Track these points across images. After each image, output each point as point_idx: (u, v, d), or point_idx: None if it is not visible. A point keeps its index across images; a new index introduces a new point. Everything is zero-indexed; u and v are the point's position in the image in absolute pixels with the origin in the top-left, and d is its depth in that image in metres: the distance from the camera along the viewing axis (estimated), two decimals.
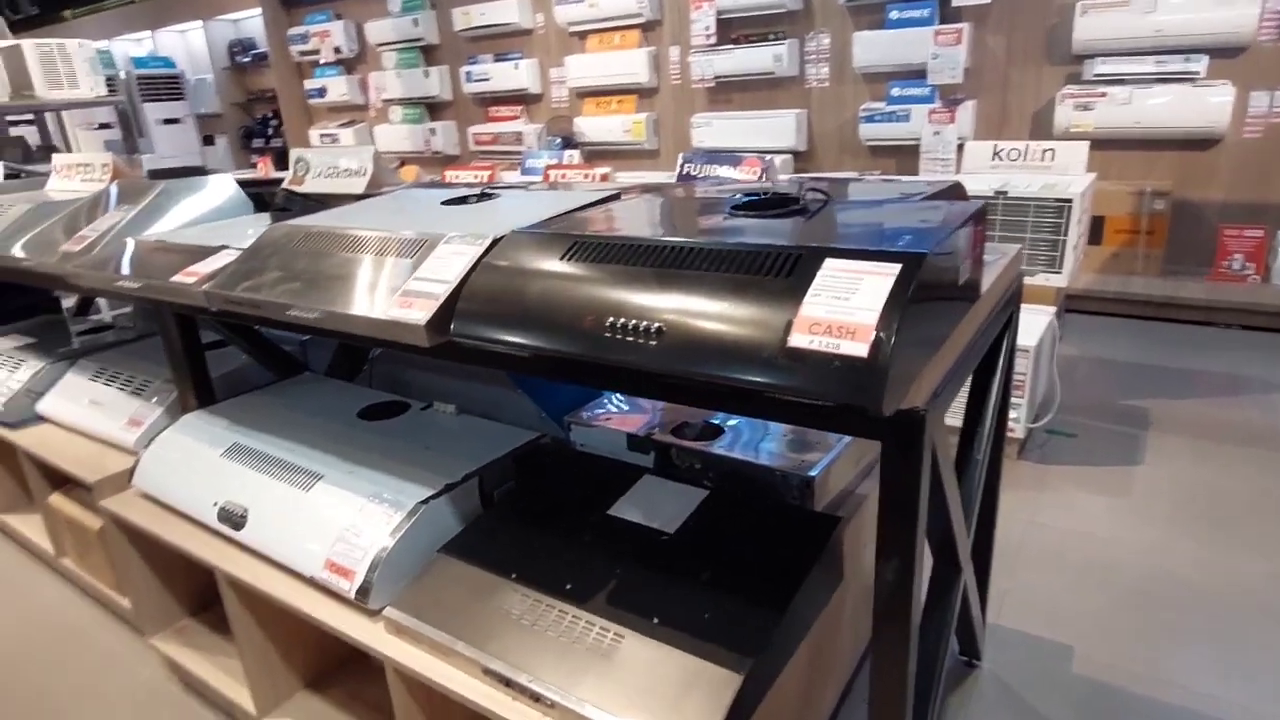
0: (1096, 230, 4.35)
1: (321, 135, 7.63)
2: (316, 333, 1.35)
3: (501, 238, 1.19)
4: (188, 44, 8.72)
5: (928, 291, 0.89)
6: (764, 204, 1.23)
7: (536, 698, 1.12)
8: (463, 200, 1.60)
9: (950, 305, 1.03)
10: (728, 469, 1.57)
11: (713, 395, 0.98)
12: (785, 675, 1.21)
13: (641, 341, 0.94)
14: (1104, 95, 4.22)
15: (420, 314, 1.13)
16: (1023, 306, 2.87)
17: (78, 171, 2.57)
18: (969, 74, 4.59)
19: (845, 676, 1.68)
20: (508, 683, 1.15)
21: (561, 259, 1.08)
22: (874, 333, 0.80)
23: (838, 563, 1.36)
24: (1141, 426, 3.04)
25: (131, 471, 1.88)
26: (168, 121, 7.39)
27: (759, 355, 0.86)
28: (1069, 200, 3.01)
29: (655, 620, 1.17)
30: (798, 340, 0.84)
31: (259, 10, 7.55)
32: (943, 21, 4.59)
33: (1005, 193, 3.12)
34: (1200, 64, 3.98)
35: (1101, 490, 2.64)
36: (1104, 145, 4.32)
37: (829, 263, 0.89)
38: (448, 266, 1.18)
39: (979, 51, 4.60)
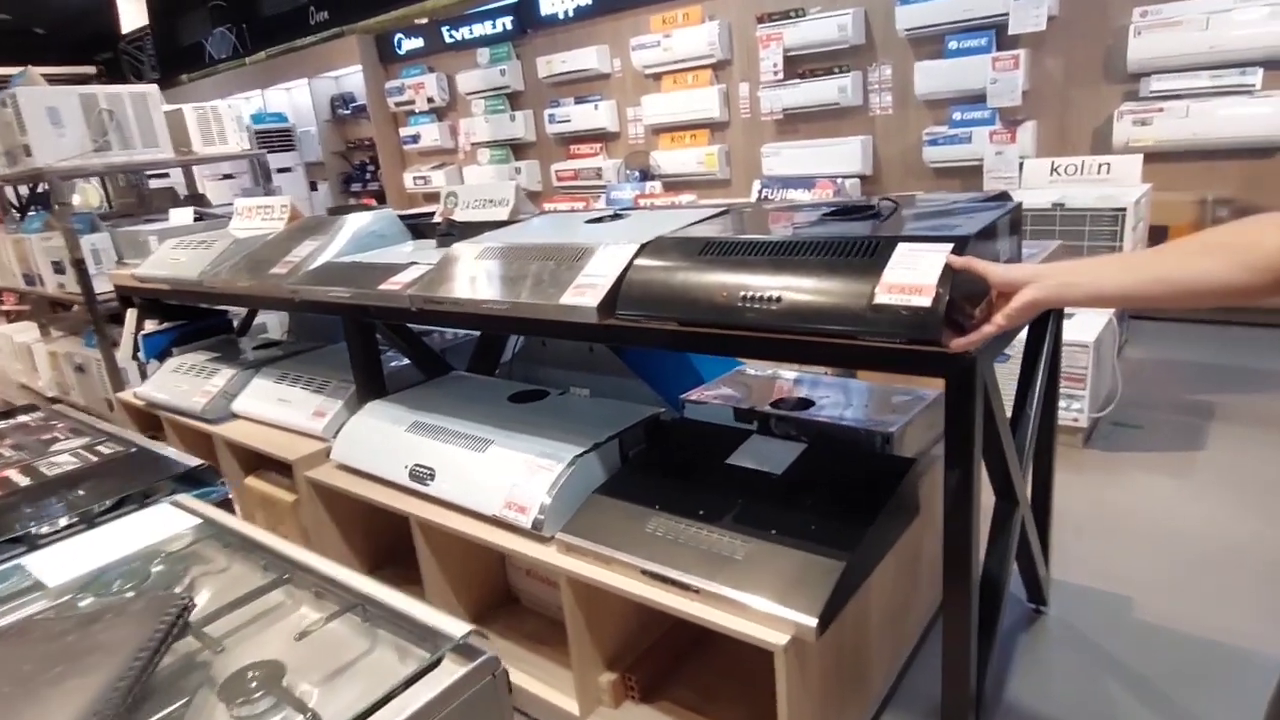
0: (1160, 239, 4.51)
1: (415, 178, 8.30)
2: (504, 323, 1.75)
3: (648, 243, 1.58)
4: (293, 100, 9.59)
5: None
6: (847, 211, 1.59)
7: (686, 588, 1.48)
8: (600, 220, 2.01)
9: None
10: (820, 431, 1.91)
11: (817, 349, 1.33)
12: (877, 575, 1.54)
13: (766, 307, 1.30)
14: (1161, 110, 4.42)
15: (591, 300, 1.52)
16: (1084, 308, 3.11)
17: (258, 212, 3.10)
18: (1028, 95, 4.84)
19: (928, 612, 1.98)
20: (662, 579, 1.51)
21: (699, 254, 1.46)
22: (935, 289, 1.14)
23: (913, 496, 1.68)
24: (1205, 418, 3.22)
25: (328, 450, 2.33)
26: (280, 170, 8.19)
27: (853, 310, 1.21)
28: (1123, 209, 3.25)
29: (772, 532, 1.52)
30: (881, 298, 1.19)
31: (359, 67, 8.33)
32: (1000, 49, 4.87)
33: (1063, 205, 3.39)
34: (1255, 76, 4.16)
35: (1164, 472, 2.85)
36: (1165, 158, 4.49)
37: (901, 245, 1.24)
38: (608, 265, 1.57)
39: (1037, 74, 4.85)
